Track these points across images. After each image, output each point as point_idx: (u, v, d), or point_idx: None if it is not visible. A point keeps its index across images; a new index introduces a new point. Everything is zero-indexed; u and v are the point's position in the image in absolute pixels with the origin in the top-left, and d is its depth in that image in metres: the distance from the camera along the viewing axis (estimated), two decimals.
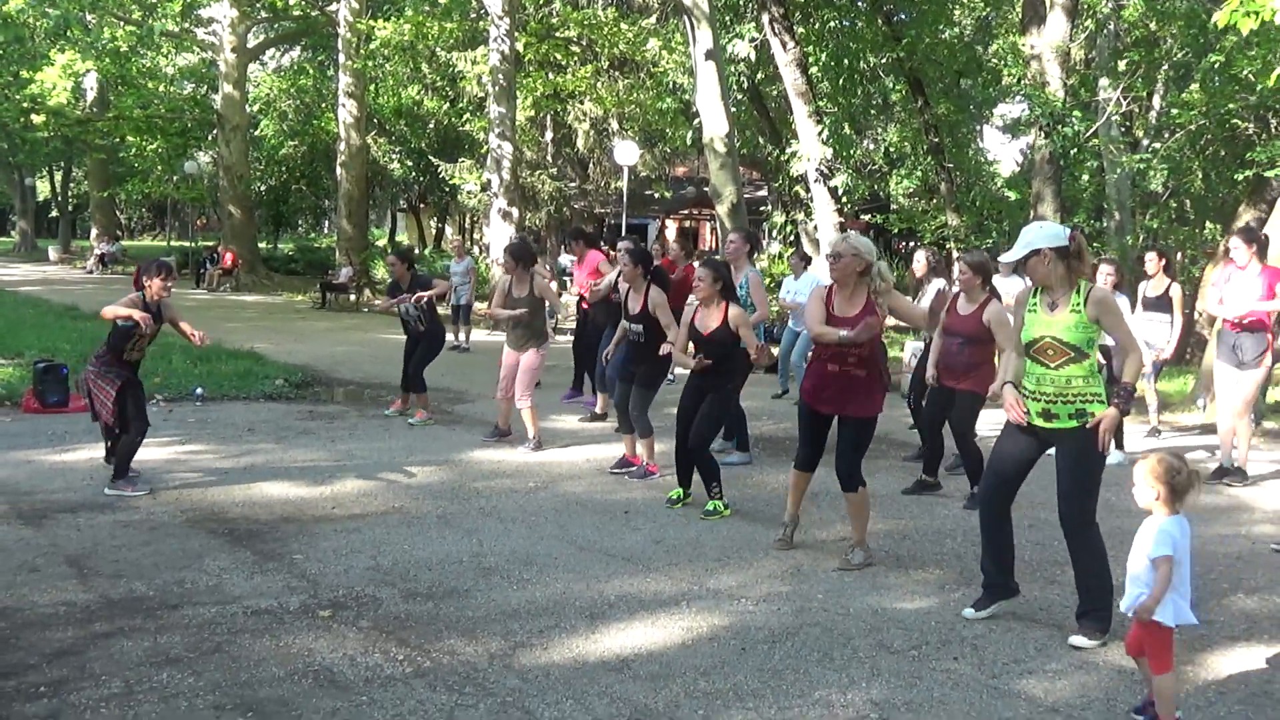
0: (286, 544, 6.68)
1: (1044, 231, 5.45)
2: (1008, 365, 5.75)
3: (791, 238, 24.43)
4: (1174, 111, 19.94)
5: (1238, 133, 19.30)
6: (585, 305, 12.50)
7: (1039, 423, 5.37)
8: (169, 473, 8.44)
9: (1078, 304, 5.26)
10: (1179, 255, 19.73)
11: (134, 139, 38.60)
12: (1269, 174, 16.14)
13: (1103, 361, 9.06)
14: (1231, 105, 17.78)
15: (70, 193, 55.44)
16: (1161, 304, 10.87)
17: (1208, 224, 23.39)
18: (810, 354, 6.91)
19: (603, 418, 11.27)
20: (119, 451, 7.80)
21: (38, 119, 36.74)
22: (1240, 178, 17.83)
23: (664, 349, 8.41)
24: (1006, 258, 5.62)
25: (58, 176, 55.76)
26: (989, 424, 8.97)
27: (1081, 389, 5.27)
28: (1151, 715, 4.36)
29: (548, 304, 10.45)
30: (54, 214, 58.31)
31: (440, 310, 12.34)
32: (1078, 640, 5.24)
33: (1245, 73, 15.66)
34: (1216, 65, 16.85)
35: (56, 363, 11.50)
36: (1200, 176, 21.96)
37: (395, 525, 7.19)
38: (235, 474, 8.54)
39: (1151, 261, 11.15)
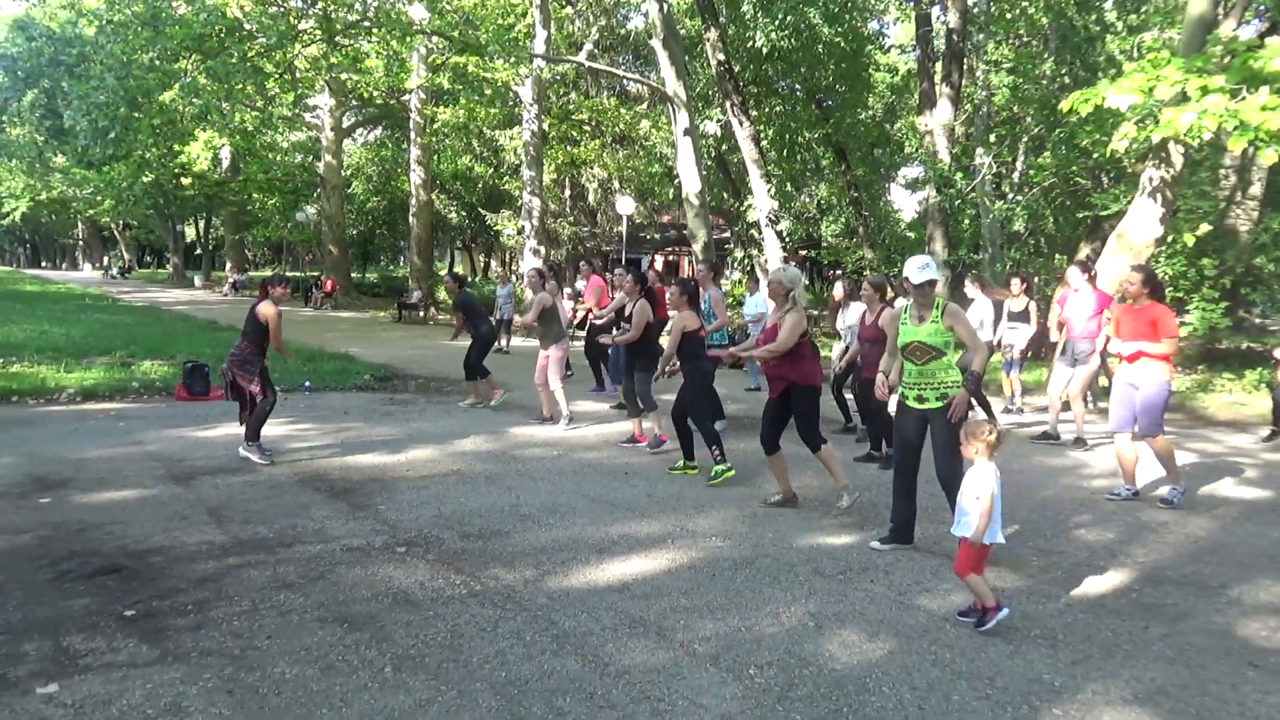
0: (372, 498, 6.66)
1: (935, 264, 5.51)
2: (885, 363, 5.88)
3: (748, 268, 24.36)
4: (1031, 172, 19.93)
5: (1079, 188, 19.28)
6: (589, 316, 12.46)
7: (914, 405, 5.47)
8: (285, 445, 8.41)
9: (937, 317, 5.43)
10: (1036, 279, 19.73)
11: (258, 196, 38.54)
12: (1104, 214, 16.12)
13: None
14: (1075, 167, 17.75)
15: (210, 235, 55.23)
16: (1022, 316, 10.97)
17: (1057, 256, 23.36)
18: None
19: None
20: (255, 415, 7.71)
21: (186, 181, 36.91)
22: (1081, 217, 17.83)
23: (604, 338, 8.52)
24: (923, 277, 5.45)
25: (201, 223, 55.56)
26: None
27: (944, 378, 5.39)
28: (977, 616, 4.46)
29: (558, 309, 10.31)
30: (198, 251, 58.07)
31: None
32: None
33: (1085, 143, 15.62)
34: (1063, 137, 16.83)
35: (200, 363, 11.46)
36: (1051, 220, 21.93)
37: (454, 484, 7.16)
38: (334, 445, 8.51)
39: (1016, 284, 11.24)
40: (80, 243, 72.92)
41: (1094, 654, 4.17)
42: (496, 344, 17.07)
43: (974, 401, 7.73)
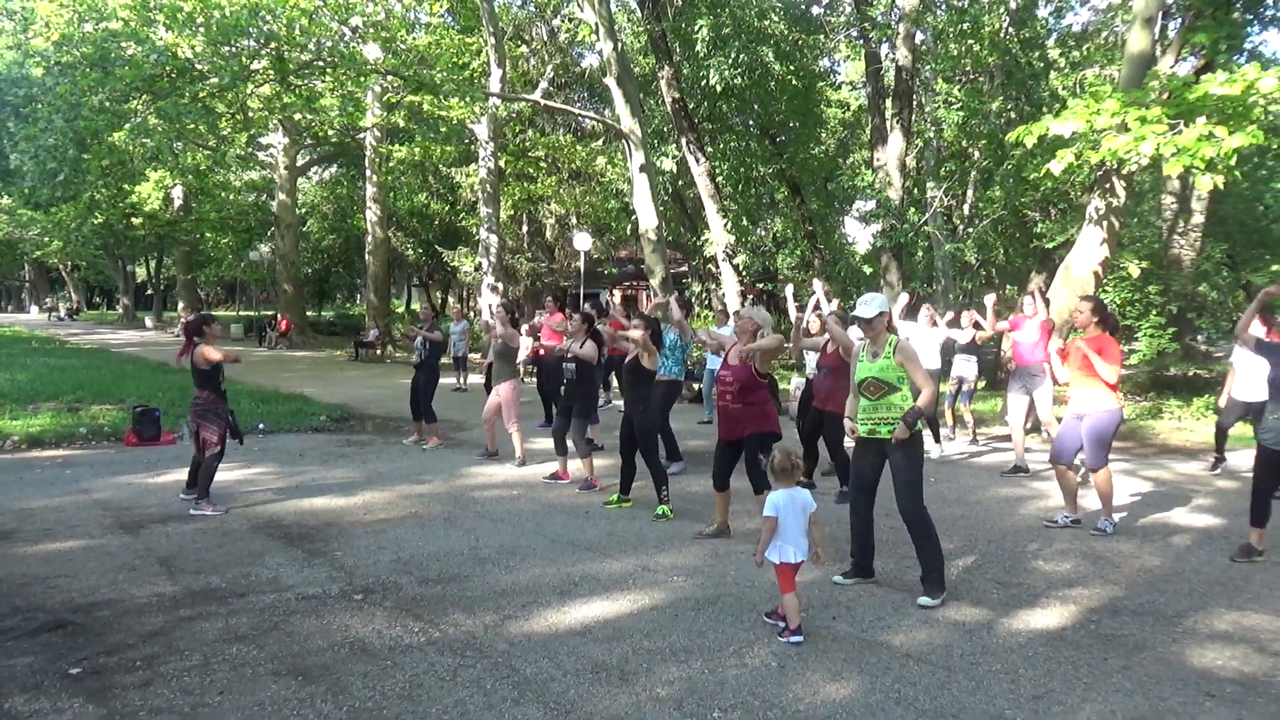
0: (329, 543, 6.54)
1: (883, 300, 5.61)
2: (849, 404, 5.83)
3: (706, 302, 24.51)
4: (981, 205, 20.35)
5: (1027, 220, 19.71)
6: (540, 354, 12.37)
7: (868, 438, 5.49)
8: (239, 489, 8.26)
9: (889, 354, 5.52)
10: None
11: (211, 235, 38.11)
12: (1050, 245, 16.47)
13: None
14: (1022, 200, 18.17)
15: (161, 275, 54.36)
16: (970, 349, 11.15)
17: (1007, 286, 23.85)
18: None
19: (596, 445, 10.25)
20: (202, 471, 7.52)
21: (136, 221, 36.35)
22: (1032, 247, 18.20)
23: (568, 347, 8.51)
24: (864, 314, 5.58)
25: (152, 263, 54.65)
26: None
27: (899, 413, 5.39)
28: (781, 619, 4.77)
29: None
30: (149, 292, 57.08)
31: (444, 360, 12.30)
32: (924, 600, 5.25)
33: (1031, 177, 16.00)
34: (1011, 171, 17.21)
35: (151, 407, 11.23)
36: (1001, 252, 22.40)
37: (412, 527, 7.06)
38: (289, 490, 8.37)
39: (965, 318, 11.41)
40: (27, 284, 71.43)
41: (1055, 688, 4.18)
42: (457, 384, 17.07)
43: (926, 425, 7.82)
